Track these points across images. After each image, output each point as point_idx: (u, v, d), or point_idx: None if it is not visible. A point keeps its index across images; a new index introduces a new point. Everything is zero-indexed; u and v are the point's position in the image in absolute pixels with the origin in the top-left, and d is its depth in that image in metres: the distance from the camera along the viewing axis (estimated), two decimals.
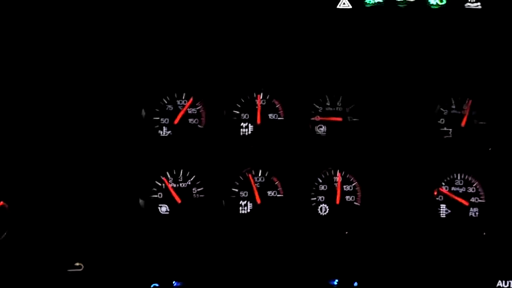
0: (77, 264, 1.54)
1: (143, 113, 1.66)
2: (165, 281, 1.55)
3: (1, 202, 1.56)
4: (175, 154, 1.67)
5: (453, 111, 1.71)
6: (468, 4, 1.60)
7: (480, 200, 1.68)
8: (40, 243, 1.56)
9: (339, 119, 1.71)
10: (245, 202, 1.68)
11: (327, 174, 1.70)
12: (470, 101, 1.69)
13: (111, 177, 1.61)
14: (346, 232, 1.65)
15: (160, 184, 1.66)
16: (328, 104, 1.72)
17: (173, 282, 1.55)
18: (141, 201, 1.65)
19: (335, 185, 1.69)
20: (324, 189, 1.69)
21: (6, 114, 1.58)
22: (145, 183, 1.65)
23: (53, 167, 1.59)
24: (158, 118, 1.68)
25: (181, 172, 1.67)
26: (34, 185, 1.58)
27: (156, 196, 1.66)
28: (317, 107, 1.72)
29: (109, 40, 1.61)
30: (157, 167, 1.67)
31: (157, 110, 1.68)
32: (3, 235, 1.54)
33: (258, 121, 1.69)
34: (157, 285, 1.54)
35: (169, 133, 1.68)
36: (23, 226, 1.56)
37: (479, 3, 1.60)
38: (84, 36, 1.60)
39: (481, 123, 1.70)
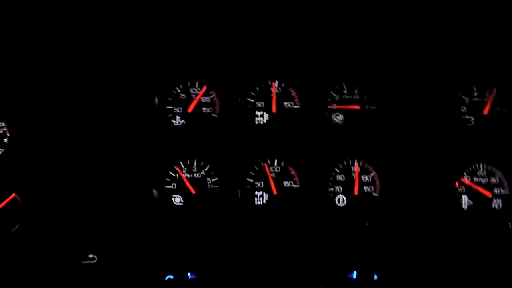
0: (91, 256, 1.52)
1: (156, 101, 1.63)
2: (179, 273, 1.52)
3: (13, 194, 1.54)
4: (189, 143, 1.63)
5: (474, 99, 1.67)
6: None
7: (503, 191, 1.64)
8: (53, 235, 1.54)
9: (357, 107, 1.67)
10: (260, 193, 1.64)
11: (345, 164, 1.66)
12: (495, 89, 1.64)
13: (124, 167, 1.58)
14: (367, 224, 1.61)
15: (174, 175, 1.63)
16: (345, 92, 1.68)
17: (188, 274, 1.53)
18: (154, 191, 1.62)
19: (353, 176, 1.65)
20: (341, 180, 1.65)
21: (18, 106, 1.56)
22: (159, 174, 1.62)
23: (65, 158, 1.57)
24: (171, 107, 1.64)
25: (195, 162, 1.64)
26: (46, 177, 1.56)
27: (170, 186, 1.63)
28: (334, 95, 1.67)
29: (122, 29, 1.58)
30: (170, 157, 1.63)
31: (170, 98, 1.64)
32: (16, 227, 1.53)
33: (274, 110, 1.65)
34: (171, 277, 1.52)
35: (183, 122, 1.64)
36: (36, 218, 1.54)
37: None
38: (98, 25, 1.56)
39: (505, 110, 1.65)
